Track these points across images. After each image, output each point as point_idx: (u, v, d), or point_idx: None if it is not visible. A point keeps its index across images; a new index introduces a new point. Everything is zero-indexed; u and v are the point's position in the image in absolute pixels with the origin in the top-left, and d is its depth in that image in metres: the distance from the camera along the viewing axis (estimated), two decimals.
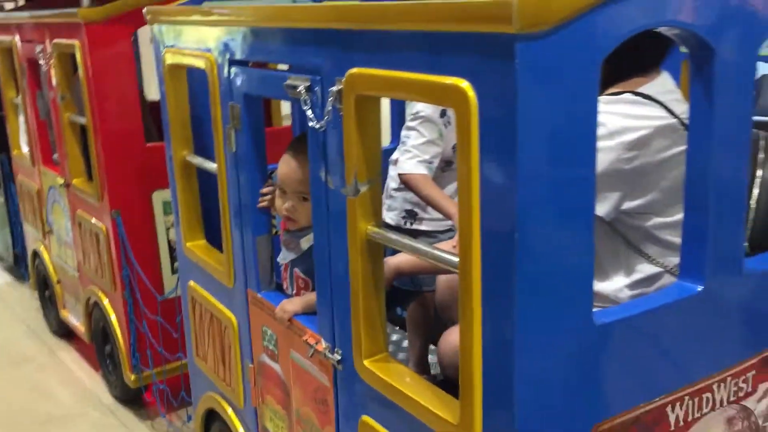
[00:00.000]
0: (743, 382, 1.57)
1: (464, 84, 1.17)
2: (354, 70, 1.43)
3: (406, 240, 1.49)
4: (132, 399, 3.43)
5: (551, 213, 1.19)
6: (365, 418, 1.65)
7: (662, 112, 1.65)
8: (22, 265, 4.81)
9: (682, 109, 1.68)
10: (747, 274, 1.51)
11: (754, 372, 1.59)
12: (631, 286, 1.69)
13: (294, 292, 1.95)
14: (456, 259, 1.28)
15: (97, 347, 3.58)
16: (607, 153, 1.59)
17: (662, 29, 1.36)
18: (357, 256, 1.55)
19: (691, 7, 1.28)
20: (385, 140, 2.81)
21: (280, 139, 2.74)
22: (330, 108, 1.52)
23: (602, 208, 1.62)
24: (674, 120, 1.64)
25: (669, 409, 1.45)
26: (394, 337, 2.68)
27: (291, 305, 1.88)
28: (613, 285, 1.71)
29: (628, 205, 1.63)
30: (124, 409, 3.40)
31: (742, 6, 1.33)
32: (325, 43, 1.53)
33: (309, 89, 1.59)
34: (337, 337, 1.70)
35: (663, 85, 1.73)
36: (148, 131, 3.12)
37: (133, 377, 3.24)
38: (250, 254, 2.03)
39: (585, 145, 1.19)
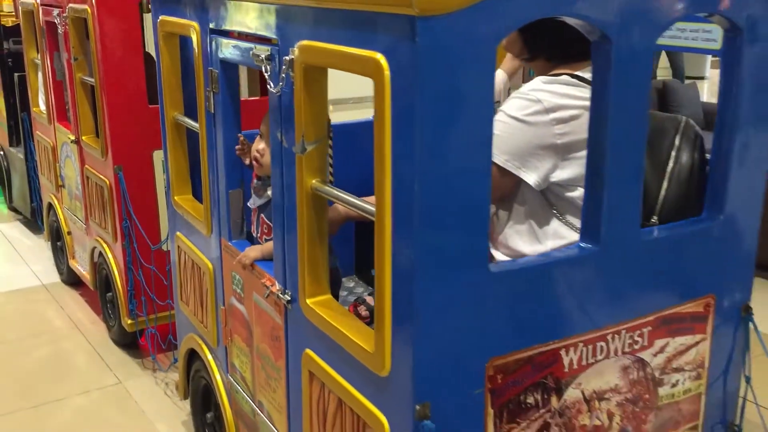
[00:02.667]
0: (638, 336, 1.77)
1: (380, 57, 1.38)
2: (302, 42, 1.64)
3: (341, 193, 1.70)
4: (129, 343, 3.69)
5: (448, 171, 1.39)
6: (308, 351, 1.87)
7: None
8: (38, 217, 5.08)
9: None
10: (644, 241, 1.71)
11: (650, 328, 1.78)
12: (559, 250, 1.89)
13: (259, 235, 2.18)
14: (374, 209, 1.49)
15: (100, 294, 3.85)
16: (541, 127, 1.79)
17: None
18: (303, 207, 1.77)
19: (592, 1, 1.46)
20: None
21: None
22: (284, 75, 1.73)
23: (532, 177, 1.82)
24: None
25: (563, 352, 1.66)
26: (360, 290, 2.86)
27: (253, 252, 2.11)
28: (544, 248, 1.91)
29: (557, 176, 1.83)
30: (121, 351, 3.67)
31: (636, 4, 1.52)
32: (281, 18, 1.74)
33: (269, 58, 1.80)
34: (287, 280, 1.92)
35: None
36: (152, 94, 3.35)
37: (129, 322, 3.50)
38: (223, 206, 2.26)
39: (480, 115, 1.39)
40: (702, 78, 12.74)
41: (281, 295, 1.94)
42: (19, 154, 5.09)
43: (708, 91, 11.74)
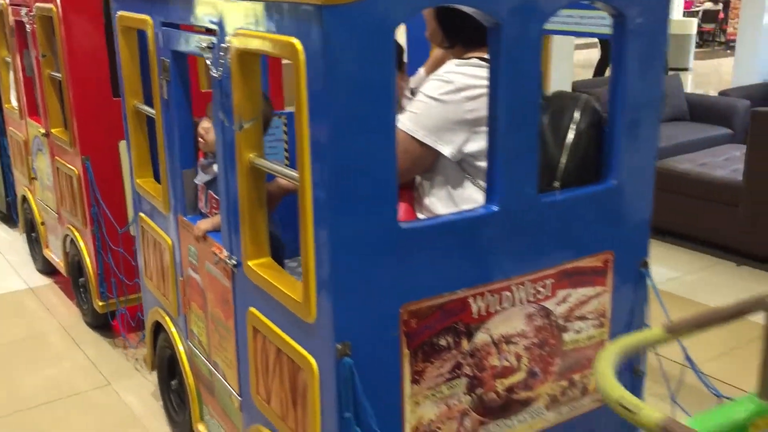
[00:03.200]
0: (542, 287, 2.01)
1: (296, 42, 1.60)
2: (236, 31, 1.86)
3: (274, 164, 1.92)
4: (101, 325, 3.89)
5: (357, 142, 1.61)
6: (251, 309, 2.09)
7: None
8: (13, 212, 5.26)
9: None
10: (543, 203, 1.94)
11: (552, 280, 2.02)
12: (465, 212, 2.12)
13: (208, 210, 2.40)
14: (296, 175, 1.72)
15: (73, 280, 4.04)
16: (453, 105, 2.02)
17: None
18: (243, 179, 1.99)
19: None
20: None
21: None
22: (222, 61, 1.95)
23: (448, 150, 2.05)
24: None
25: (471, 300, 1.89)
26: None
27: (204, 224, 2.33)
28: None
29: (469, 148, 2.06)
30: (93, 332, 3.87)
31: None
32: (218, 10, 1.96)
33: (210, 47, 2.02)
34: (233, 247, 2.14)
35: None
36: (116, 88, 3.54)
37: (101, 303, 3.70)
38: (178, 185, 2.48)
39: (383, 91, 1.61)
40: (686, 69, 13.06)
41: (228, 261, 2.16)
42: None
43: (692, 82, 12.04)
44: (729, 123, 6.23)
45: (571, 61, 6.49)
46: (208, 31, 2.06)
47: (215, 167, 2.28)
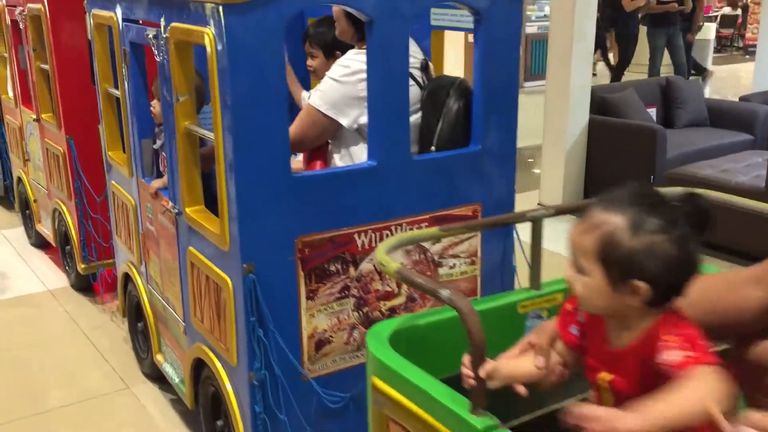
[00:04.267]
0: (417, 229, 2.53)
1: (208, 31, 2.12)
2: (172, 24, 2.39)
3: (202, 130, 2.44)
4: (85, 287, 4.41)
5: (254, 111, 2.13)
6: (190, 248, 2.61)
7: None
8: (10, 194, 5.79)
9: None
10: (415, 161, 2.46)
11: (426, 224, 2.54)
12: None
13: (162, 168, 2.91)
14: (212, 136, 2.24)
15: (61, 248, 4.57)
16: (349, 85, 2.54)
17: None
18: (180, 142, 2.52)
19: None
20: None
21: None
22: (163, 48, 2.48)
23: (345, 121, 2.57)
24: None
25: (356, 236, 2.41)
26: None
27: (156, 183, 2.85)
28: None
29: (362, 119, 2.57)
30: (78, 293, 4.40)
31: None
32: (159, 8, 2.48)
33: (155, 37, 2.54)
34: (177, 199, 2.67)
35: None
36: (94, 77, 4.07)
37: (83, 266, 4.22)
38: (137, 152, 3.01)
39: (273, 71, 2.13)
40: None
41: (172, 210, 2.69)
42: None
43: (710, 87, 12.07)
44: (750, 128, 6.05)
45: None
46: (152, 25, 2.59)
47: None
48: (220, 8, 2.02)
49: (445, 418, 1.37)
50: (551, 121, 5.76)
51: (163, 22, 2.47)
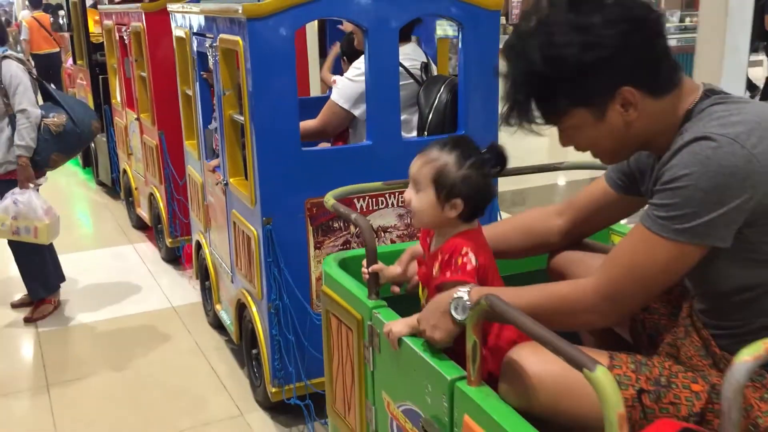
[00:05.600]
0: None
1: (239, 40, 2.84)
2: (220, 35, 3.12)
3: (239, 116, 3.16)
4: (172, 259, 5.25)
5: (272, 101, 2.81)
6: (234, 211, 3.33)
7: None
8: (117, 185, 6.76)
9: (410, 63, 3.28)
10: (404, 143, 3.09)
11: None
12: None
13: (215, 147, 3.65)
14: (243, 119, 2.95)
15: (154, 227, 5.43)
16: (360, 83, 3.20)
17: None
18: (226, 127, 3.24)
19: (348, 7, 2.87)
20: None
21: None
22: (214, 54, 3.22)
23: (358, 112, 3.23)
24: (401, 68, 3.24)
25: (356, 200, 3.05)
26: None
27: (213, 162, 3.60)
28: None
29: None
30: (166, 264, 5.24)
31: (381, 7, 2.91)
32: (211, 23, 3.22)
33: (210, 46, 3.29)
34: (224, 172, 3.39)
35: (406, 49, 3.32)
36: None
37: (170, 240, 5.06)
38: (202, 138, 3.77)
39: (287, 72, 2.81)
40: None
41: (221, 182, 3.42)
42: (102, 138, 6.79)
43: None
44: None
45: None
46: (208, 37, 3.34)
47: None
48: (245, 21, 2.73)
49: (355, 303, 1.99)
50: None
51: (214, 35, 3.21)
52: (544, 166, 2.63)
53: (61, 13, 12.16)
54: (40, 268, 4.37)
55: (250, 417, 3.26)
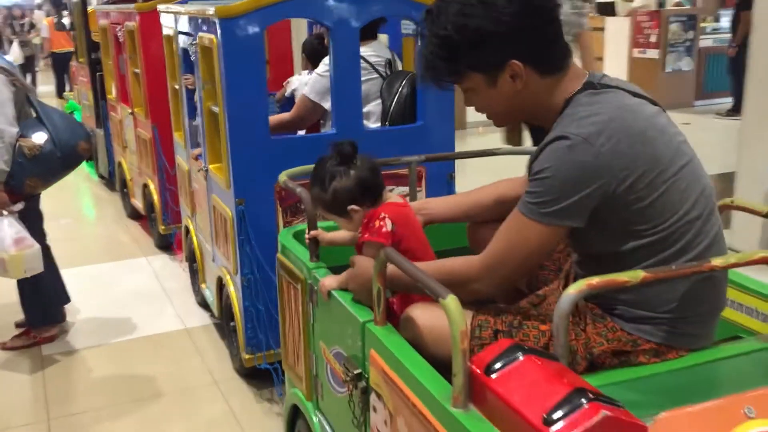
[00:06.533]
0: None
1: (214, 38, 3.13)
2: (199, 34, 3.41)
3: (215, 107, 3.45)
4: (165, 246, 5.55)
5: (243, 96, 3.11)
6: (213, 195, 3.63)
7: (362, 62, 3.53)
8: (113, 177, 7.07)
9: (375, 59, 3.57)
10: (366, 132, 3.38)
11: None
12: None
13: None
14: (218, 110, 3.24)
15: (148, 216, 5.74)
16: (328, 78, 3.50)
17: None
18: (206, 119, 3.54)
19: (313, 8, 3.17)
20: None
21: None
22: (195, 51, 3.52)
23: (327, 105, 3.52)
24: (366, 63, 3.53)
25: None
26: None
27: (196, 150, 3.90)
28: None
29: None
30: (159, 251, 5.55)
31: (342, 8, 3.20)
32: (192, 22, 3.52)
33: (191, 43, 3.58)
34: (206, 159, 3.69)
35: (371, 46, 3.61)
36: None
37: (162, 227, 5.36)
38: (187, 130, 4.08)
39: (256, 69, 3.10)
40: None
41: (202, 169, 3.72)
42: (101, 132, 7.10)
43: None
44: None
45: None
46: (190, 35, 3.63)
47: None
48: (217, 21, 3.03)
49: (299, 265, 2.28)
50: (748, 154, 4.99)
51: (194, 33, 3.51)
52: (482, 151, 2.91)
53: (65, 12, 12.51)
54: (41, 295, 3.94)
55: (227, 384, 3.56)
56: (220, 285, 3.71)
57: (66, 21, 11.23)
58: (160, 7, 4.28)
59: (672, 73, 10.97)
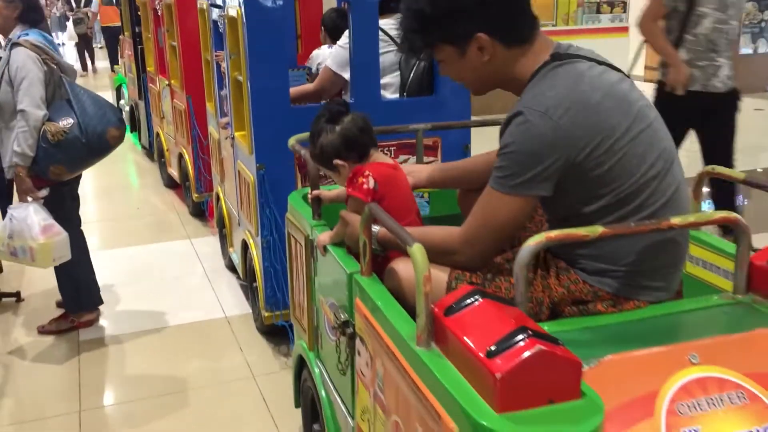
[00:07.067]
0: (387, 151, 3.55)
1: (239, 9, 3.27)
2: (227, 5, 3.56)
3: (240, 76, 3.61)
4: (198, 213, 5.76)
5: (266, 60, 3.25)
6: (238, 161, 3.79)
7: (382, 35, 3.64)
8: (152, 147, 7.31)
9: (395, 33, 3.68)
10: (383, 103, 3.50)
11: (394, 148, 3.56)
12: None
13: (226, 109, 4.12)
14: (242, 79, 3.39)
15: (183, 184, 5.95)
16: (347, 51, 3.63)
17: None
18: (232, 87, 3.70)
19: None
20: None
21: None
22: (223, 23, 3.67)
23: (347, 75, 3.65)
24: (386, 36, 3.64)
25: None
26: None
27: (224, 119, 4.06)
28: None
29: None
30: (193, 218, 5.76)
31: None
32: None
33: (220, 15, 3.73)
34: (232, 127, 3.85)
35: (391, 19, 3.72)
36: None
37: (196, 195, 5.57)
38: (217, 99, 4.24)
39: (278, 41, 3.24)
40: None
41: (229, 136, 3.88)
42: (142, 104, 7.33)
43: None
44: None
45: None
46: (220, 7, 3.78)
47: None
48: None
49: (303, 223, 2.42)
50: None
51: (223, 5, 3.66)
52: (486, 120, 2.98)
53: None
54: (74, 281, 3.86)
55: (248, 344, 3.75)
56: (245, 247, 3.88)
57: None
58: None
59: (745, 56, 10.28)
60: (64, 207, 3.66)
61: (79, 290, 3.89)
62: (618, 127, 1.67)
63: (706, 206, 4.30)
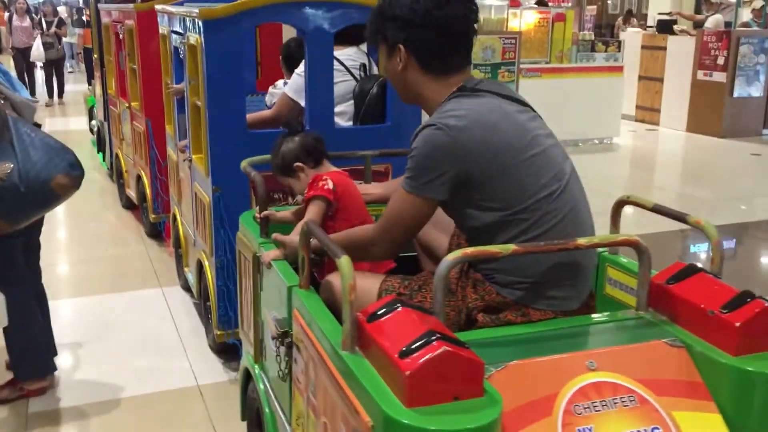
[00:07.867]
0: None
1: (198, 38, 3.42)
2: (187, 33, 3.70)
3: (198, 101, 3.74)
4: (155, 233, 5.85)
5: (223, 93, 3.39)
6: (195, 183, 3.92)
7: (338, 65, 3.81)
8: (112, 168, 7.38)
9: (350, 63, 3.86)
10: (336, 130, 3.66)
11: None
12: None
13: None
14: (201, 104, 3.53)
15: (140, 205, 6.04)
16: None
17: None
18: (192, 112, 3.83)
19: (290, 14, 3.45)
20: None
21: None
22: (184, 48, 3.81)
23: (302, 102, 3.81)
24: (342, 66, 3.81)
25: None
26: None
27: (182, 142, 4.19)
28: None
29: None
30: (149, 239, 5.84)
31: (317, 14, 3.48)
32: (182, 23, 3.81)
33: (181, 42, 3.87)
34: (190, 150, 3.98)
35: (348, 51, 3.90)
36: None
37: (153, 216, 5.66)
38: (176, 122, 4.37)
39: (236, 68, 3.39)
40: None
41: (187, 158, 4.01)
42: (107, 125, 7.42)
43: None
44: None
45: None
46: (181, 34, 3.93)
47: None
48: (200, 22, 3.32)
49: (252, 242, 2.56)
50: None
51: (184, 33, 3.81)
52: None
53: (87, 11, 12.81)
54: (26, 344, 3.35)
55: (197, 364, 3.84)
56: (200, 267, 3.99)
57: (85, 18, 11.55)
58: (158, 7, 4.58)
59: (739, 99, 10.51)
60: (13, 263, 3.24)
61: (35, 354, 3.41)
62: (510, 147, 1.89)
63: None
